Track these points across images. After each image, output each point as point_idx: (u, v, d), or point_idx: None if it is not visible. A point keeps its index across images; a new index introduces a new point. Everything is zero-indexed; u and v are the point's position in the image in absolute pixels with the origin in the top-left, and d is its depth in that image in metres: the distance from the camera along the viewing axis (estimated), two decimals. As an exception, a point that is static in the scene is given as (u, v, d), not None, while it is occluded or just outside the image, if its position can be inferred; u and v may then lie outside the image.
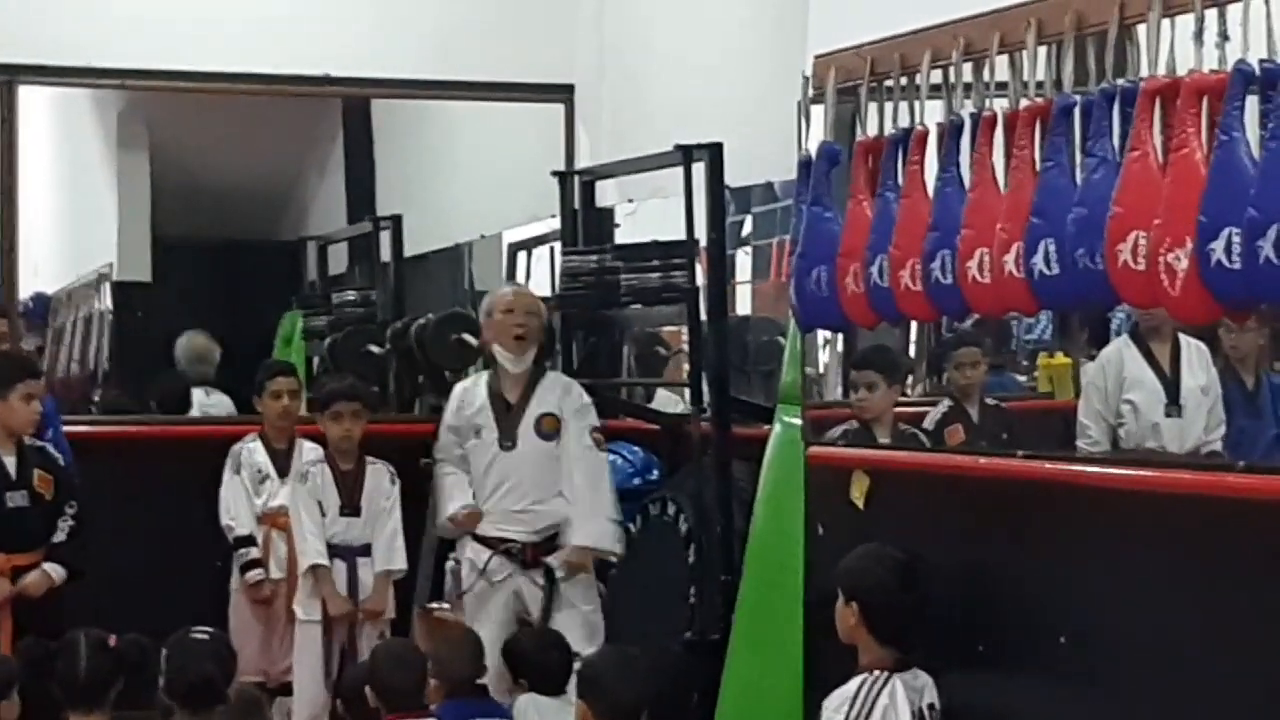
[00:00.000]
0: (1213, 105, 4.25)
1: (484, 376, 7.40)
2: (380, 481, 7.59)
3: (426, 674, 6.18)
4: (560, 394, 7.23)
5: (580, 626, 7.01)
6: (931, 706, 5.13)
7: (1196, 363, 6.03)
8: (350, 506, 7.53)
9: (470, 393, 7.35)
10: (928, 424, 6.56)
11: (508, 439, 7.20)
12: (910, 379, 7.09)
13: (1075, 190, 4.60)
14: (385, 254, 9.75)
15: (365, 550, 7.52)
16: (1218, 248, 4.13)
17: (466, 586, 7.17)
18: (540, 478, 7.16)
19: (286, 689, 7.67)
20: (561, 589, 7.08)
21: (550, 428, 7.18)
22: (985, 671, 5.13)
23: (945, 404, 6.70)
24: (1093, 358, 6.46)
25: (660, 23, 8.46)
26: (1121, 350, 6.09)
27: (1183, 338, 5.97)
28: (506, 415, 7.23)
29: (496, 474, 7.20)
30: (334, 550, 7.47)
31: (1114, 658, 4.66)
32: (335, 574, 7.45)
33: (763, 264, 8.57)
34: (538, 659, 6.50)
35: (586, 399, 7.26)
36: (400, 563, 7.58)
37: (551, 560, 7.09)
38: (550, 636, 6.70)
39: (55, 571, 6.79)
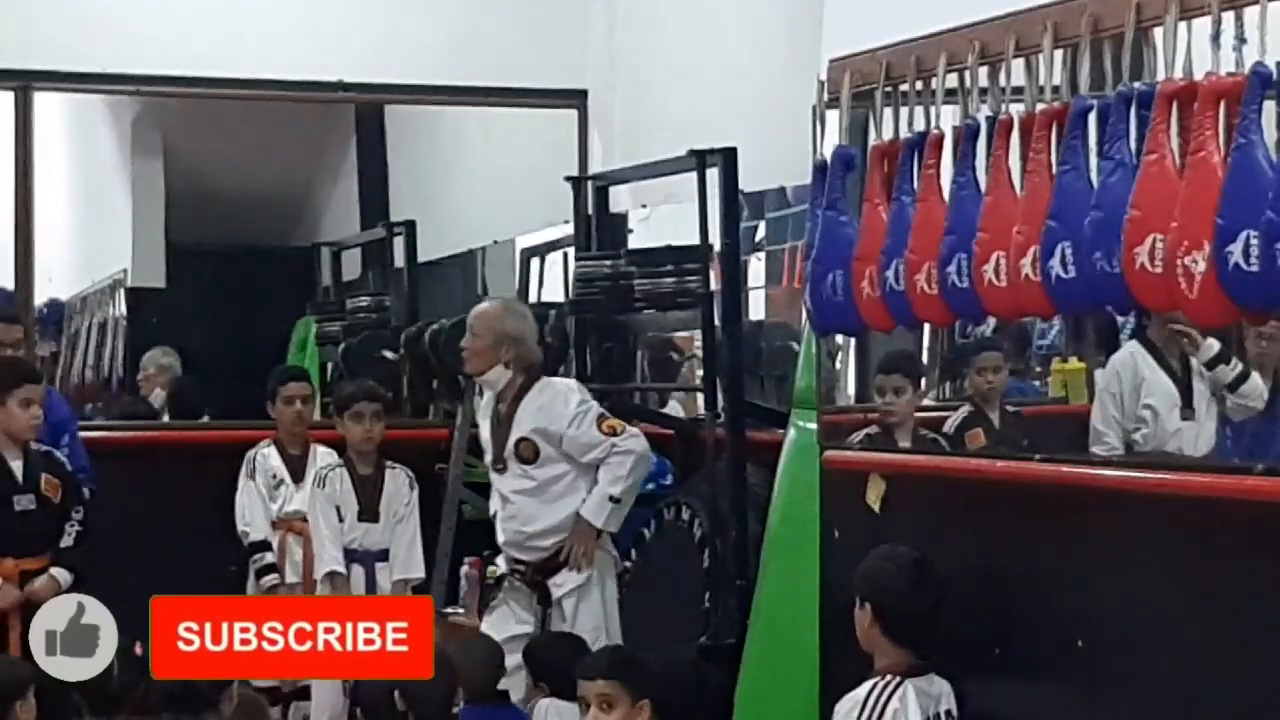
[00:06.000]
0: (1230, 108, 4.24)
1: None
2: (399, 487, 7.59)
3: (456, 682, 6.17)
4: (546, 408, 6.77)
5: None
6: (949, 713, 5.11)
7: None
8: (369, 512, 7.53)
9: (486, 403, 7.03)
10: (948, 428, 6.54)
11: (499, 461, 6.89)
12: (924, 383, 7.08)
13: (1092, 193, 4.60)
14: (399, 259, 9.75)
15: (384, 556, 7.52)
16: (1235, 250, 4.12)
17: (491, 596, 7.11)
18: (527, 502, 6.80)
19: (302, 694, 7.67)
20: (564, 611, 6.80)
21: (527, 453, 6.79)
22: (1001, 676, 5.12)
23: (966, 409, 6.69)
24: (1103, 363, 6.44)
25: (673, 27, 8.46)
26: (1134, 355, 6.06)
27: (1192, 340, 5.96)
28: (498, 433, 6.89)
29: (498, 495, 6.91)
30: (352, 556, 7.47)
31: (1131, 662, 4.65)
32: (353, 579, 7.45)
33: (776, 269, 8.57)
34: (558, 663, 6.49)
35: (576, 403, 6.77)
36: (418, 570, 7.58)
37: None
38: (572, 641, 6.67)
39: (62, 576, 6.78)
